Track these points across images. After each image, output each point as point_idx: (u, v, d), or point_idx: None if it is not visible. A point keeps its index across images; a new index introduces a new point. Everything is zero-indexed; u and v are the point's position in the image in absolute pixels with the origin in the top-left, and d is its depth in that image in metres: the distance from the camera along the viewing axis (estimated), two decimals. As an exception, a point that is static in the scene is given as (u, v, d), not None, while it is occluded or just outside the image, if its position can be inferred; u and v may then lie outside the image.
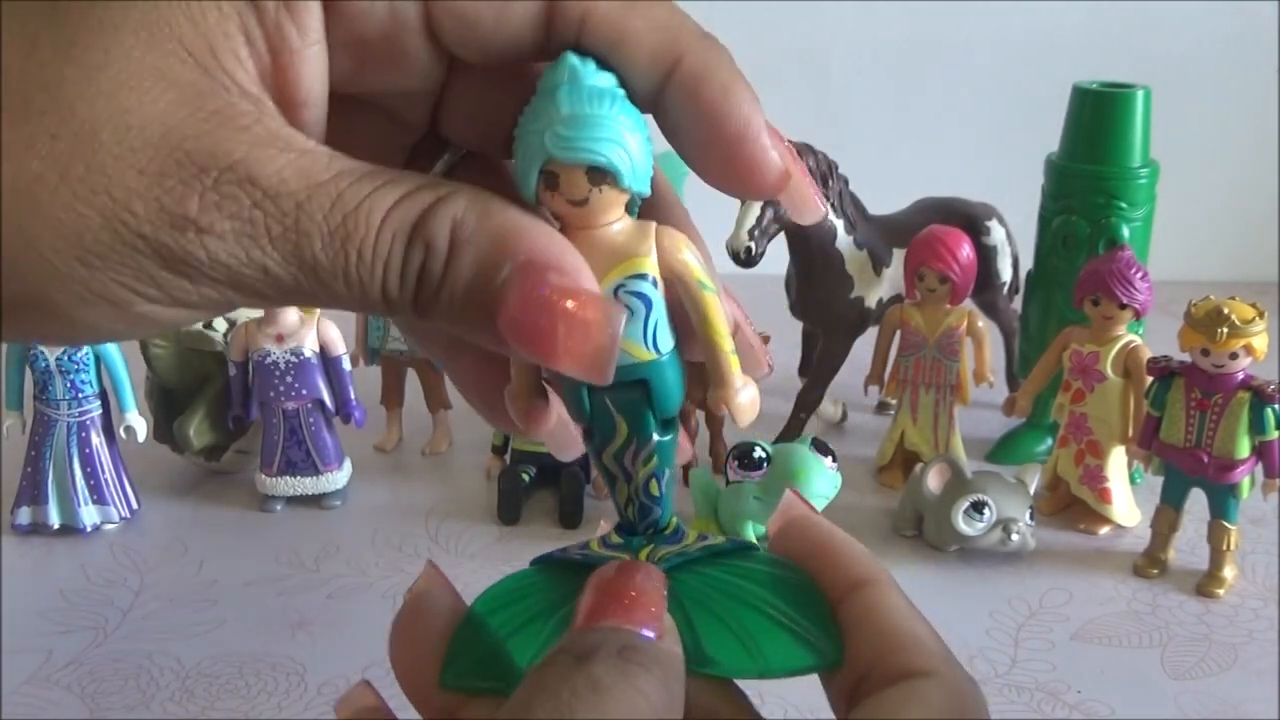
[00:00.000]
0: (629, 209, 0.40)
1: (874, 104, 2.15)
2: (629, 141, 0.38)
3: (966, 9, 2.09)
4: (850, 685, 0.38)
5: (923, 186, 1.55)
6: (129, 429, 1.26)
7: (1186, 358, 1.15)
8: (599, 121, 0.37)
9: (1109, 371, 1.24)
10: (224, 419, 1.31)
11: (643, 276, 0.39)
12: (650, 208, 0.42)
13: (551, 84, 0.38)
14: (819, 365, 1.46)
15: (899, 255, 1.41)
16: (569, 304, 0.34)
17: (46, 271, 0.32)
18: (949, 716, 0.36)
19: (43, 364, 1.22)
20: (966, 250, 1.32)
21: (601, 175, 0.38)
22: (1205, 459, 1.13)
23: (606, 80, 0.38)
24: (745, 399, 0.42)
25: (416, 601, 0.41)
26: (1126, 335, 1.24)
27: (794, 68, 2.13)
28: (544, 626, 0.41)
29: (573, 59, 0.38)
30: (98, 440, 1.25)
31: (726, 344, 0.41)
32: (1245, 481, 1.14)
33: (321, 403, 1.29)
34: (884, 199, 1.49)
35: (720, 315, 0.41)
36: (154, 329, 0.35)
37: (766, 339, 1.31)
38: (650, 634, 0.36)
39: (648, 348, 0.40)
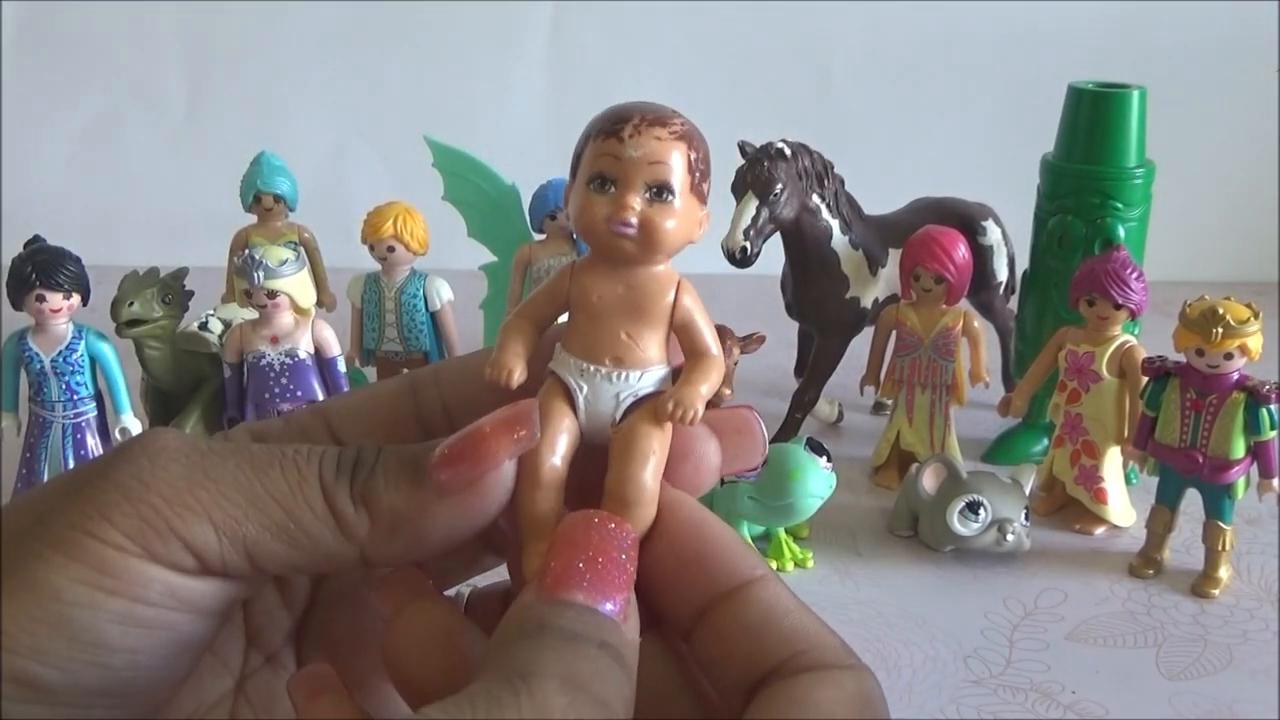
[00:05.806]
0: None
1: (870, 104, 2.15)
2: None
3: (962, 9, 2.09)
4: (753, 681, 0.38)
5: (918, 186, 1.54)
6: (124, 431, 1.25)
7: (1181, 358, 1.15)
8: None
9: (1104, 372, 1.24)
10: (219, 421, 1.31)
11: None
12: None
13: None
14: (814, 365, 1.46)
15: (894, 255, 1.41)
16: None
17: None
18: (861, 705, 0.37)
19: (38, 365, 1.21)
20: (962, 250, 1.32)
21: None
22: (1200, 459, 1.13)
23: None
24: None
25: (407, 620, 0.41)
26: (1122, 335, 1.24)
27: (792, 68, 2.13)
28: None
29: None
30: (93, 442, 1.25)
31: None
32: (1240, 482, 1.14)
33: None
34: (880, 199, 1.48)
35: None
36: None
37: (762, 339, 1.31)
38: (615, 608, 0.37)
39: None
